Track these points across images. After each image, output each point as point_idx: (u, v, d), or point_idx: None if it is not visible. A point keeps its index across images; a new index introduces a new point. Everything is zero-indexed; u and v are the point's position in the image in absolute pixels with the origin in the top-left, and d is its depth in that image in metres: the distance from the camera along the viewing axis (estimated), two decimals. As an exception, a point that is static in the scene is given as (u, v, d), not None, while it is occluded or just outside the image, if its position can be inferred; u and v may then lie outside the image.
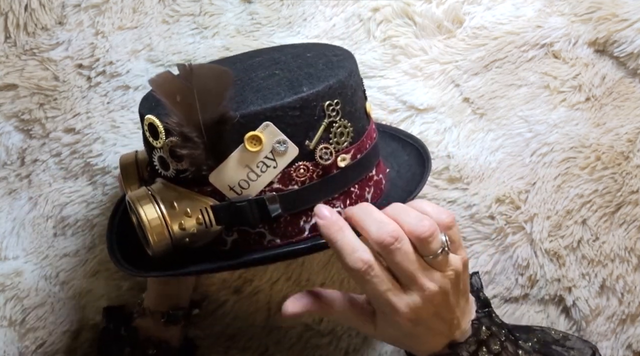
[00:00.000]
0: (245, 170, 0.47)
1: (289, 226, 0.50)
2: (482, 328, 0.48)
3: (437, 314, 0.46)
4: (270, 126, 0.46)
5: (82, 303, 0.67)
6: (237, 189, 0.48)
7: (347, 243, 0.44)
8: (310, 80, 0.49)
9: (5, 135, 0.66)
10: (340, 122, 0.49)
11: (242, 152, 0.47)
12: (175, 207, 0.48)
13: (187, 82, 0.45)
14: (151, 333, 0.60)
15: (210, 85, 0.45)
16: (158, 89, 0.46)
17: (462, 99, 0.68)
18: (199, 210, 0.48)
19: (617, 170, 0.67)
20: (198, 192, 0.48)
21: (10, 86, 0.66)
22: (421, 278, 0.44)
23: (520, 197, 0.67)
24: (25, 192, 0.67)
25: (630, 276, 0.67)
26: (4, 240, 0.66)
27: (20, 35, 0.66)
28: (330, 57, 0.53)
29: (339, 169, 0.50)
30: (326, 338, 0.67)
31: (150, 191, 0.49)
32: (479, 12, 0.69)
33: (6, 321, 0.66)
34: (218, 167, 0.47)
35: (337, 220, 0.45)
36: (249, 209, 0.47)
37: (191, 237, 0.49)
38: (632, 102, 0.68)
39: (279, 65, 0.53)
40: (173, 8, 0.68)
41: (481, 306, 0.50)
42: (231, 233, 0.50)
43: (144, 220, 0.47)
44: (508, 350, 0.48)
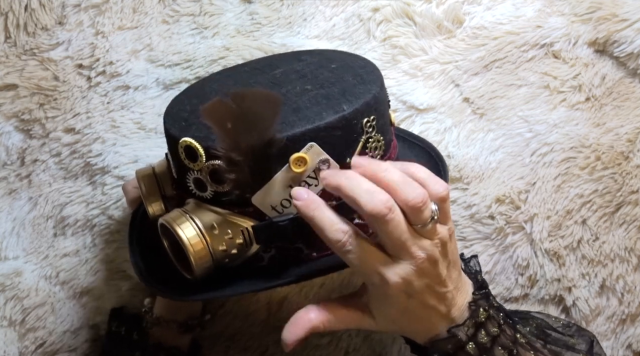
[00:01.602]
0: (288, 190, 0.47)
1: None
2: (479, 310, 0.48)
3: (429, 287, 0.46)
4: (315, 147, 0.46)
5: (82, 303, 0.67)
6: (278, 208, 0.48)
7: (326, 218, 0.45)
8: (347, 98, 0.49)
9: (5, 135, 0.66)
10: (375, 136, 0.50)
11: (286, 173, 0.47)
12: (215, 229, 0.48)
13: (238, 108, 0.45)
14: (163, 340, 0.60)
15: (260, 110, 0.45)
16: (209, 116, 0.45)
17: (462, 99, 0.68)
18: (239, 231, 0.48)
19: (617, 170, 0.67)
20: (238, 213, 0.48)
21: (10, 86, 0.66)
22: (411, 247, 0.44)
23: (520, 197, 0.67)
24: (25, 192, 0.67)
25: (630, 276, 0.67)
26: (4, 240, 0.66)
27: (20, 35, 0.66)
28: (357, 70, 0.53)
29: None
30: (326, 338, 0.67)
31: (187, 213, 0.48)
32: (479, 12, 0.69)
33: (6, 321, 0.66)
34: (262, 189, 0.47)
35: (315, 198, 0.46)
36: (290, 227, 0.47)
37: (231, 257, 0.49)
38: (632, 102, 0.68)
39: (307, 79, 0.52)
40: (173, 8, 0.68)
41: (478, 288, 0.50)
42: (269, 250, 0.50)
43: (187, 244, 0.47)
44: (506, 333, 0.48)
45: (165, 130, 0.51)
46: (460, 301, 0.48)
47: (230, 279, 0.50)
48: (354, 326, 0.49)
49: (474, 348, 0.47)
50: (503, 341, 0.48)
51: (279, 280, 0.49)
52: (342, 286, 0.67)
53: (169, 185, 0.55)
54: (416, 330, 0.48)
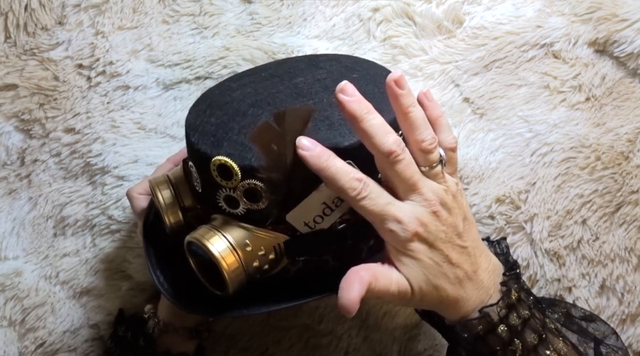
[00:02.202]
0: (321, 207, 0.47)
1: (351, 250, 0.50)
2: (511, 291, 0.47)
3: (448, 236, 0.45)
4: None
5: (82, 303, 0.67)
6: (311, 224, 0.48)
7: (340, 168, 0.44)
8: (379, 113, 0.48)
9: (5, 135, 0.66)
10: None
11: (321, 191, 0.46)
12: (249, 245, 0.47)
13: (281, 128, 0.44)
14: (172, 346, 0.59)
15: (299, 128, 0.45)
16: (257, 140, 0.45)
17: (462, 99, 0.68)
18: (272, 247, 0.48)
19: (617, 170, 0.67)
20: (271, 230, 0.48)
21: (10, 86, 0.66)
22: (422, 187, 0.44)
23: (520, 197, 0.67)
24: (25, 192, 0.67)
25: (630, 276, 0.67)
26: (4, 240, 0.66)
27: (20, 35, 0.66)
28: (378, 80, 0.52)
29: None
30: (326, 338, 0.67)
31: (217, 229, 0.47)
32: (479, 12, 0.69)
33: (6, 321, 0.66)
34: (297, 207, 0.47)
35: (324, 149, 0.44)
36: (320, 242, 0.48)
37: (262, 273, 0.48)
38: (632, 102, 0.68)
39: (331, 90, 0.50)
40: (173, 8, 0.68)
41: (509, 269, 0.49)
42: (296, 263, 0.50)
43: (220, 261, 0.46)
44: (536, 316, 0.47)
45: (192, 144, 0.49)
46: (486, 265, 0.47)
47: (259, 293, 0.49)
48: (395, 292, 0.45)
49: (506, 331, 0.45)
50: (533, 325, 0.46)
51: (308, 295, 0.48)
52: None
53: (188, 195, 0.53)
54: (448, 298, 0.46)
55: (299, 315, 0.67)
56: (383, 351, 0.68)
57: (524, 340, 0.46)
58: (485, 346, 0.46)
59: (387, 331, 0.67)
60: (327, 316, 0.67)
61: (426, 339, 0.67)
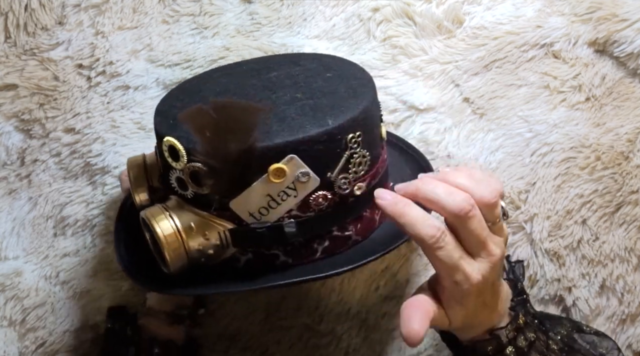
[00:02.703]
0: (266, 199, 0.48)
1: (302, 248, 0.51)
2: (519, 315, 0.49)
3: (494, 285, 0.47)
4: (295, 159, 0.47)
5: (82, 303, 0.67)
6: (256, 215, 0.48)
7: (418, 214, 0.45)
8: (334, 112, 0.49)
9: (5, 135, 0.66)
10: (359, 152, 0.50)
11: (265, 183, 0.47)
12: (193, 229, 0.49)
13: (217, 117, 0.45)
14: (156, 332, 0.60)
15: (241, 120, 0.46)
16: (189, 122, 0.46)
17: (462, 99, 0.68)
18: (216, 232, 0.49)
19: (617, 170, 0.67)
20: (217, 216, 0.49)
21: (10, 86, 0.66)
22: (490, 244, 0.45)
23: (520, 197, 0.67)
24: (25, 192, 0.67)
25: (630, 276, 0.67)
26: (4, 240, 0.66)
27: (20, 35, 0.66)
28: (350, 81, 0.53)
29: (354, 197, 0.50)
30: (326, 338, 0.67)
31: (168, 211, 0.49)
32: (479, 12, 0.69)
33: (6, 321, 0.66)
34: (240, 195, 0.47)
35: (400, 197, 0.46)
36: (267, 234, 0.48)
37: (207, 257, 0.49)
38: (632, 102, 0.68)
39: (299, 86, 0.52)
40: (173, 8, 0.68)
41: (517, 295, 0.52)
42: (246, 253, 0.51)
43: (162, 241, 0.48)
44: (540, 339, 0.50)
45: (154, 125, 0.51)
46: (502, 295, 0.49)
47: (206, 278, 0.50)
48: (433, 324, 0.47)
49: (513, 352, 0.48)
50: (538, 346, 0.49)
51: (252, 285, 0.49)
52: (342, 285, 0.67)
53: (157, 176, 0.55)
54: (470, 325, 0.49)
55: (299, 315, 0.67)
56: (383, 351, 0.68)
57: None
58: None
59: (387, 331, 0.67)
60: (327, 316, 0.67)
61: (426, 339, 0.67)
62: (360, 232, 0.53)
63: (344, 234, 0.52)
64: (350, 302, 0.68)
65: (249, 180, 0.47)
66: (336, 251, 0.52)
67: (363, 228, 0.53)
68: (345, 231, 0.52)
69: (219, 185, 0.47)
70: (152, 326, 0.61)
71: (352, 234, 0.52)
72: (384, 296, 0.67)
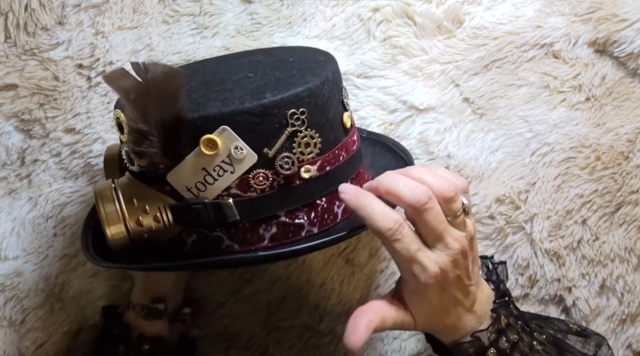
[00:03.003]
0: (202, 173, 0.47)
1: (248, 233, 0.49)
2: (501, 317, 0.50)
3: (459, 280, 0.47)
4: (227, 131, 0.46)
5: (82, 303, 0.67)
6: (194, 190, 0.47)
7: (377, 207, 0.46)
8: (277, 87, 0.48)
9: (5, 135, 0.66)
10: (306, 132, 0.48)
11: (198, 155, 0.46)
12: (134, 203, 0.49)
13: (142, 80, 0.45)
14: (141, 328, 0.60)
15: (165, 85, 0.45)
16: (112, 84, 0.46)
17: (462, 99, 0.68)
18: (157, 208, 0.49)
19: (617, 170, 0.67)
20: (158, 190, 0.49)
21: (10, 86, 0.66)
22: (447, 237, 0.46)
23: (520, 197, 0.67)
24: (25, 192, 0.67)
25: (630, 276, 0.67)
26: (4, 240, 0.66)
27: (20, 35, 0.66)
28: (310, 64, 0.52)
29: (302, 180, 0.49)
30: (326, 338, 0.67)
31: (114, 184, 0.50)
32: (479, 12, 0.69)
33: (6, 321, 0.66)
34: (175, 168, 0.47)
35: (362, 191, 0.47)
36: (204, 212, 0.47)
37: (149, 234, 0.49)
38: (632, 102, 0.68)
39: (259, 68, 0.52)
40: (173, 8, 0.68)
41: (499, 296, 0.52)
42: (191, 234, 0.50)
43: (101, 213, 0.48)
44: (524, 340, 0.50)
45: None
46: (481, 297, 0.50)
47: (152, 257, 0.50)
48: (398, 326, 0.49)
49: (495, 353, 0.49)
50: (521, 348, 0.49)
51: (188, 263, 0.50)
52: (342, 286, 0.67)
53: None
54: (445, 326, 0.49)
55: (299, 315, 0.67)
56: (383, 351, 0.68)
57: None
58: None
59: (387, 331, 0.67)
60: (327, 316, 0.67)
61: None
62: (316, 222, 0.51)
63: (294, 222, 0.50)
64: (350, 302, 0.68)
65: (182, 151, 0.46)
66: (286, 240, 0.50)
67: (319, 219, 0.51)
68: (295, 218, 0.50)
69: (153, 155, 0.47)
70: (131, 319, 0.60)
71: (304, 223, 0.50)
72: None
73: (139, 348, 0.59)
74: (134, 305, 0.61)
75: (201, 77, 0.53)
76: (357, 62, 0.68)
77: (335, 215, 0.52)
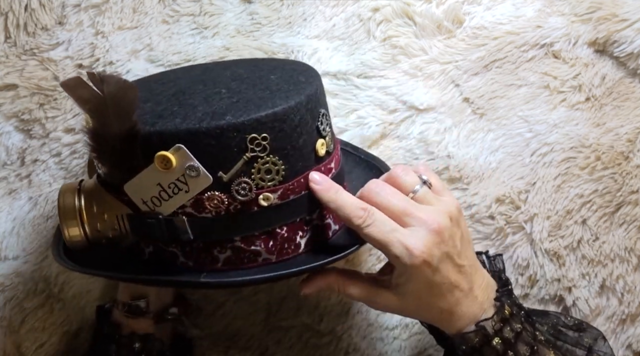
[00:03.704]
0: (157, 188, 0.46)
1: (202, 253, 0.49)
2: (505, 306, 0.50)
3: (449, 257, 0.47)
4: (183, 149, 0.45)
5: (82, 303, 0.67)
6: (149, 204, 0.47)
7: (346, 198, 0.47)
8: (242, 108, 0.46)
9: (5, 135, 0.66)
10: (267, 158, 0.46)
11: (153, 170, 0.46)
12: (93, 207, 0.49)
13: (98, 90, 0.45)
14: (132, 327, 0.60)
15: (120, 97, 0.45)
16: (70, 93, 0.46)
17: (462, 99, 0.68)
18: (114, 216, 0.49)
19: (617, 170, 0.67)
20: (117, 198, 0.49)
21: (10, 86, 0.66)
22: (415, 211, 0.47)
23: (520, 197, 0.67)
24: (25, 192, 0.67)
25: (630, 276, 0.67)
26: (4, 240, 0.66)
27: (20, 35, 0.66)
28: (288, 85, 0.50)
29: (260, 207, 0.47)
30: (326, 338, 0.67)
31: (79, 186, 0.50)
32: (479, 12, 0.69)
33: (6, 322, 0.66)
34: (132, 180, 0.46)
35: (332, 183, 0.48)
36: (158, 226, 0.47)
37: (108, 240, 0.50)
38: (632, 102, 0.68)
39: (236, 83, 0.51)
40: (173, 8, 0.68)
41: (502, 286, 0.52)
42: (148, 245, 0.50)
43: (60, 211, 0.49)
44: (527, 329, 0.50)
45: None
46: (480, 282, 0.50)
47: (113, 262, 0.51)
48: (379, 301, 0.50)
49: (500, 343, 0.48)
50: (525, 337, 0.49)
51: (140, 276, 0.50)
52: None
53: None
54: (441, 311, 0.49)
55: (299, 315, 0.67)
56: (383, 350, 0.68)
57: (517, 352, 0.48)
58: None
59: (387, 331, 0.67)
60: (327, 316, 0.67)
61: (426, 339, 0.67)
62: (274, 251, 0.49)
63: (250, 248, 0.48)
64: (350, 302, 0.68)
65: (136, 165, 0.46)
66: (241, 265, 0.49)
67: (277, 248, 0.49)
68: (252, 245, 0.48)
69: (109, 164, 0.48)
70: (119, 318, 0.60)
71: (261, 251, 0.49)
72: (384, 296, 0.67)
73: (130, 346, 0.59)
74: (117, 302, 0.60)
75: (177, 86, 0.52)
76: (357, 62, 0.68)
77: (298, 245, 0.50)
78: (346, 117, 0.68)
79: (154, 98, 0.51)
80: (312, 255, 0.51)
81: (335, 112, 0.67)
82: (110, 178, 0.49)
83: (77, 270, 0.51)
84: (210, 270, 0.49)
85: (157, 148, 0.45)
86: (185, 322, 0.65)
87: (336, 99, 0.68)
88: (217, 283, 0.50)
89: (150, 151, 0.45)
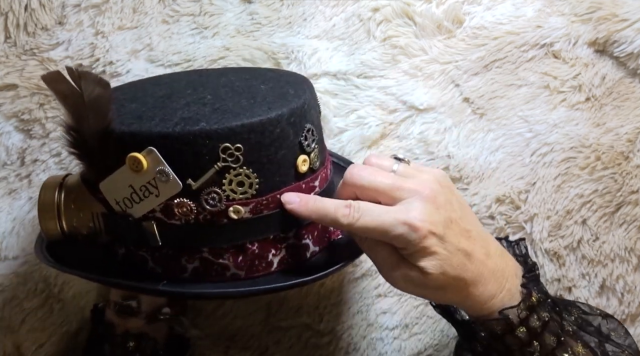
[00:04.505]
0: (129, 190, 0.46)
1: (171, 260, 0.48)
2: (532, 293, 0.47)
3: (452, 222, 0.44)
4: (154, 153, 0.44)
5: (82, 303, 0.67)
6: (122, 205, 0.47)
7: (325, 203, 0.46)
8: (219, 116, 0.45)
9: (5, 135, 0.66)
10: (240, 170, 0.45)
11: (125, 171, 0.45)
12: (71, 204, 0.50)
13: (76, 86, 0.45)
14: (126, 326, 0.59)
15: (96, 95, 0.45)
16: (50, 86, 0.47)
17: (462, 99, 0.68)
18: (90, 213, 0.49)
19: (617, 170, 0.67)
20: (94, 196, 0.49)
21: (10, 86, 0.66)
22: (404, 183, 0.45)
23: (520, 197, 0.67)
24: (25, 192, 0.67)
25: (630, 276, 0.67)
26: (4, 240, 0.66)
27: (20, 35, 0.66)
28: (276, 96, 0.49)
29: (230, 220, 0.46)
30: (326, 338, 0.67)
31: (62, 181, 0.51)
32: (479, 12, 0.69)
33: (6, 322, 0.66)
34: (107, 178, 0.46)
35: (308, 196, 0.47)
36: (127, 229, 0.47)
37: (82, 237, 0.50)
38: (632, 102, 0.68)
39: (224, 90, 0.50)
40: (173, 8, 0.68)
41: (528, 271, 0.49)
42: (121, 247, 0.50)
43: (39, 207, 0.50)
44: (555, 319, 0.47)
45: None
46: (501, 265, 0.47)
47: (89, 261, 0.51)
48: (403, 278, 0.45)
49: (525, 332, 0.46)
50: (552, 327, 0.47)
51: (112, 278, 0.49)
52: (341, 286, 0.67)
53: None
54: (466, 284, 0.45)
55: (299, 315, 0.67)
56: (383, 350, 0.68)
57: (542, 343, 0.46)
58: (503, 345, 0.47)
59: (387, 331, 0.67)
60: (327, 316, 0.67)
61: (426, 339, 0.67)
62: (243, 267, 0.48)
63: (218, 261, 0.47)
64: (350, 302, 0.68)
65: (111, 165, 0.46)
66: (208, 278, 0.48)
67: (247, 264, 0.48)
68: (220, 258, 0.47)
69: (86, 161, 0.48)
70: (112, 317, 0.60)
71: (230, 265, 0.47)
72: (383, 296, 0.67)
73: (124, 346, 0.59)
74: (109, 301, 0.60)
75: (168, 89, 0.52)
76: (357, 62, 0.68)
77: (270, 263, 0.49)
78: (346, 117, 0.68)
79: (141, 99, 0.50)
80: (283, 275, 0.49)
81: (335, 112, 0.67)
82: (88, 176, 0.49)
83: (51, 265, 0.51)
84: (177, 279, 0.48)
85: (130, 149, 0.44)
86: (185, 322, 0.65)
87: (336, 99, 0.68)
88: (174, 293, 0.48)
89: (124, 151, 0.45)
